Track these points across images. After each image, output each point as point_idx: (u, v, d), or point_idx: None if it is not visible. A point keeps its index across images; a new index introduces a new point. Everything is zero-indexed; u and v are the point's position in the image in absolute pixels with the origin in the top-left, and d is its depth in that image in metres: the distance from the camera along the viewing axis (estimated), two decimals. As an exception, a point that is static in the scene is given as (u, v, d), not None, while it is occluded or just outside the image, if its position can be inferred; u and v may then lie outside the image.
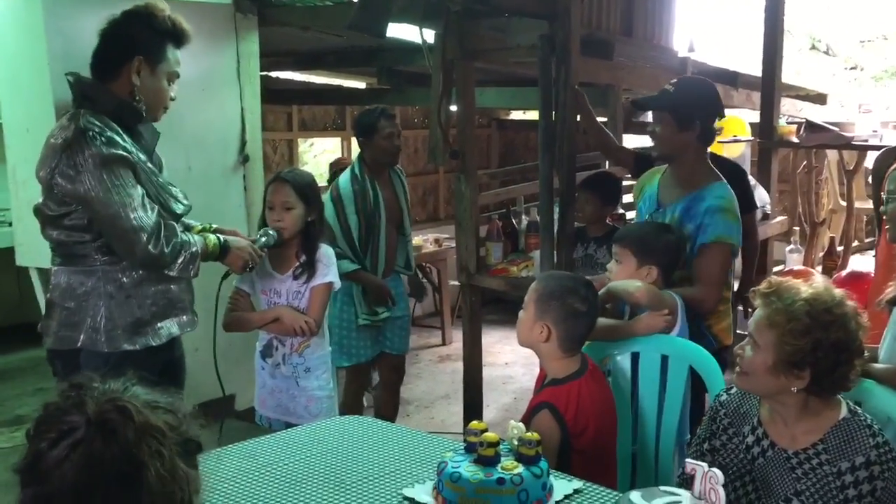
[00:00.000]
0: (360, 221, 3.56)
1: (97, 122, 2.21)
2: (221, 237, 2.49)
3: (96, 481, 1.04)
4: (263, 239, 2.66)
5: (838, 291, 1.77)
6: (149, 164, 2.32)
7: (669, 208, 2.72)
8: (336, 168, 5.01)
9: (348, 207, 3.54)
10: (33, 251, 3.90)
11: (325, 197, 3.51)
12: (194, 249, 2.34)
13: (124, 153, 2.20)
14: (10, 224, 4.35)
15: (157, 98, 2.33)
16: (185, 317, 2.43)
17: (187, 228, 2.48)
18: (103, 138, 2.17)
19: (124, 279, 2.28)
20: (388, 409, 3.91)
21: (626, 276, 2.52)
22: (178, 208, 2.39)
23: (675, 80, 2.81)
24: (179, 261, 2.30)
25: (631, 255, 2.52)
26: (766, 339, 1.75)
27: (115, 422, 1.06)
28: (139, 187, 2.23)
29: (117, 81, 2.27)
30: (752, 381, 1.80)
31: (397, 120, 3.73)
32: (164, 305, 2.35)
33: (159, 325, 2.34)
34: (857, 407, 1.81)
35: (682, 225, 2.66)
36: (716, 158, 2.93)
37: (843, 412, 1.78)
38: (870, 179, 5.35)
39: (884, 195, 2.34)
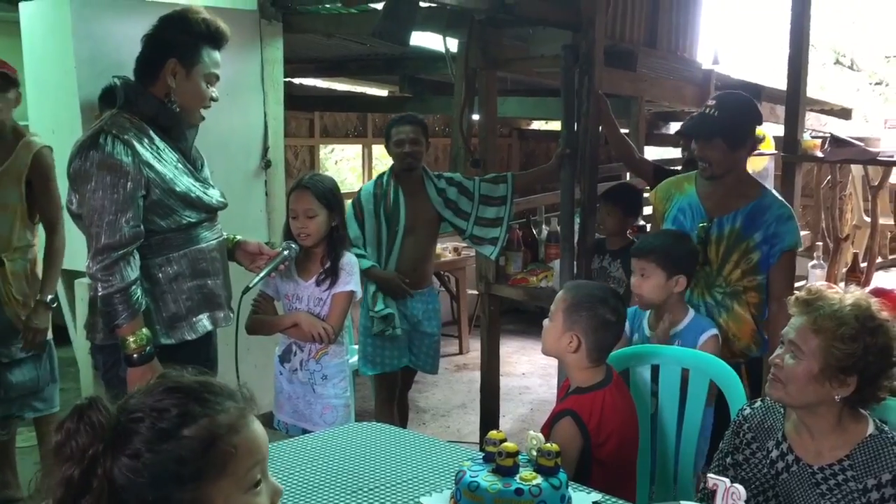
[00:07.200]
0: (375, 225, 3.49)
1: (122, 124, 2.22)
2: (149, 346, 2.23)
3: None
4: (286, 252, 2.68)
5: (874, 300, 1.75)
6: (179, 165, 2.33)
7: (727, 219, 2.72)
8: None
9: (366, 208, 3.50)
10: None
11: (349, 203, 3.50)
12: (123, 296, 2.18)
13: (126, 161, 2.17)
14: (34, 225, 4.37)
15: (194, 100, 2.34)
16: (220, 313, 2.45)
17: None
18: (117, 141, 2.18)
19: (160, 275, 2.30)
20: (401, 416, 3.87)
21: (654, 289, 2.52)
22: (213, 202, 2.41)
23: (713, 102, 2.75)
24: (107, 288, 2.17)
25: (658, 268, 2.51)
26: (811, 345, 1.71)
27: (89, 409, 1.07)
28: (134, 199, 2.18)
29: (156, 84, 2.30)
30: (791, 390, 1.74)
31: (417, 126, 3.51)
32: (199, 300, 2.37)
33: (195, 319, 2.36)
34: (883, 424, 1.78)
35: (744, 234, 2.68)
36: None
37: (871, 429, 1.75)
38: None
39: None
